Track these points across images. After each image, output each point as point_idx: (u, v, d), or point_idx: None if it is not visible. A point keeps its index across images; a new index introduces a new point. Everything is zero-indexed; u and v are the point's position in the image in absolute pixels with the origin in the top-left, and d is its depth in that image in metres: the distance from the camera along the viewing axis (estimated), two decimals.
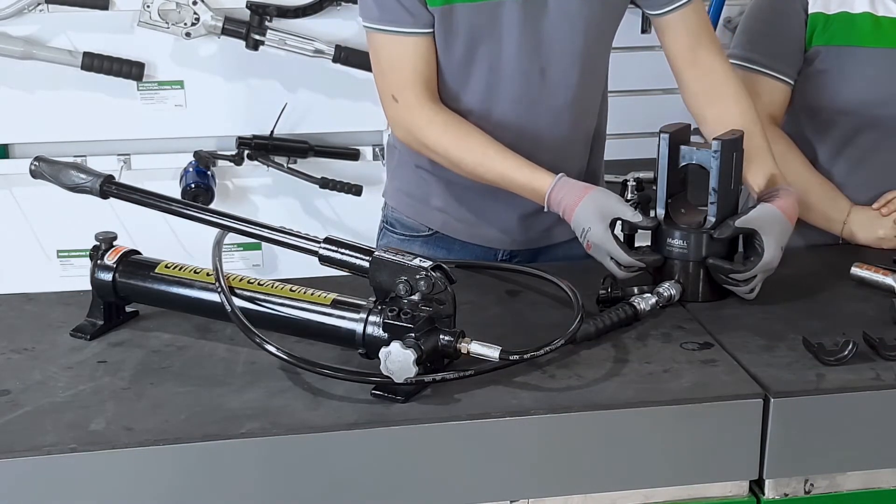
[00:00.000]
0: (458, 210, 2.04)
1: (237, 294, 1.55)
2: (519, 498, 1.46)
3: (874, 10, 2.11)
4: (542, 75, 1.90)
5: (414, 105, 1.88)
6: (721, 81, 1.95)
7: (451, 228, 2.06)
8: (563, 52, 1.89)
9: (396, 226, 2.13)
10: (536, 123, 1.93)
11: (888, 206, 2.12)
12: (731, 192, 1.76)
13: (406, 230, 2.11)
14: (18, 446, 1.33)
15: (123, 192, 1.65)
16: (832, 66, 2.12)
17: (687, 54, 1.96)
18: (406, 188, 2.10)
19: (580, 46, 1.90)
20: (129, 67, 3.03)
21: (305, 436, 1.37)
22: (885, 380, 1.51)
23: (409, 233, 2.10)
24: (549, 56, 1.89)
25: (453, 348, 1.45)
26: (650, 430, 1.45)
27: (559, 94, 1.93)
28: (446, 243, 2.07)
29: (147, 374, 1.52)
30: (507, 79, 1.90)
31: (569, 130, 1.98)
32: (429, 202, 2.06)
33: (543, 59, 1.89)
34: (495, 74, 1.90)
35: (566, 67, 1.91)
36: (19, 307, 1.76)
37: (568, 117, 1.96)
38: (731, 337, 1.63)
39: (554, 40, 1.88)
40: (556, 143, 1.96)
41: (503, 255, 2.08)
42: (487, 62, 1.89)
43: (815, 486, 1.52)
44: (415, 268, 1.45)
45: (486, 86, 1.91)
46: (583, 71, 1.93)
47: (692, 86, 1.98)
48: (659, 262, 1.78)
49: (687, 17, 1.94)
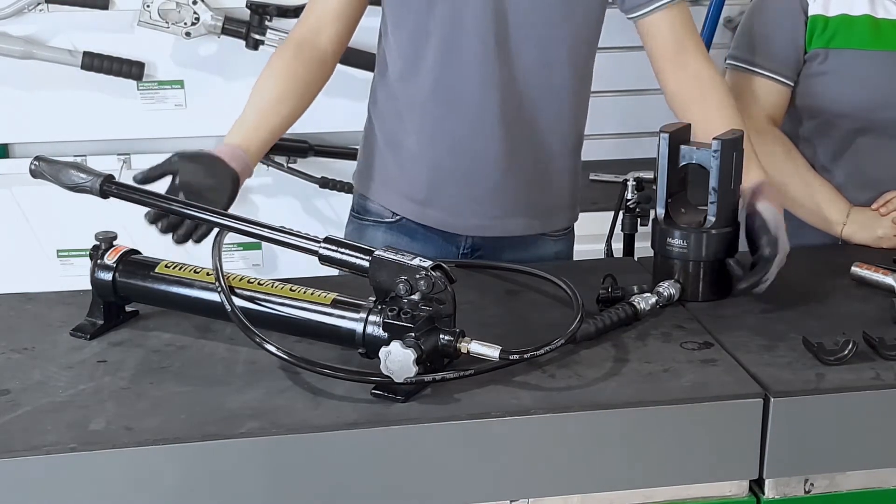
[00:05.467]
0: (410, 188, 2.03)
1: (237, 294, 1.55)
2: (519, 498, 1.46)
3: (874, 13, 2.11)
4: (502, 49, 1.89)
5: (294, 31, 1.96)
6: (707, 87, 1.93)
7: (408, 210, 2.04)
8: (528, 28, 1.89)
9: (362, 212, 2.13)
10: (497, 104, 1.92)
11: (887, 206, 2.12)
12: (730, 192, 1.76)
13: (371, 216, 2.10)
14: (18, 446, 1.33)
15: (123, 191, 1.65)
16: (832, 69, 2.12)
17: (672, 58, 1.94)
18: (367, 170, 2.10)
19: (546, 24, 1.89)
20: (129, 67, 3.04)
21: (305, 436, 1.37)
22: (885, 380, 1.51)
23: (374, 218, 2.10)
24: (511, 30, 1.88)
25: (453, 348, 1.45)
26: (650, 430, 1.45)
27: (525, 77, 1.92)
28: (409, 231, 2.06)
29: (147, 374, 1.52)
30: (465, 50, 1.89)
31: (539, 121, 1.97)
32: (388, 183, 2.05)
33: (503, 33, 1.88)
34: (453, 46, 1.89)
35: (531, 48, 1.90)
36: (19, 307, 1.76)
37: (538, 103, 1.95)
38: (731, 337, 1.63)
39: (518, 13, 1.87)
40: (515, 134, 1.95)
41: (465, 247, 2.07)
42: (442, 32, 1.89)
43: (815, 485, 1.52)
44: (415, 267, 1.45)
45: (442, 58, 1.91)
46: (550, 55, 1.92)
47: (676, 91, 1.95)
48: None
49: (671, 18, 1.92)
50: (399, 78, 1.99)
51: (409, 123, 2.00)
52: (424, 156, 2.00)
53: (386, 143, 2.05)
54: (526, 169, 2.00)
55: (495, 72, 1.91)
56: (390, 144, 2.04)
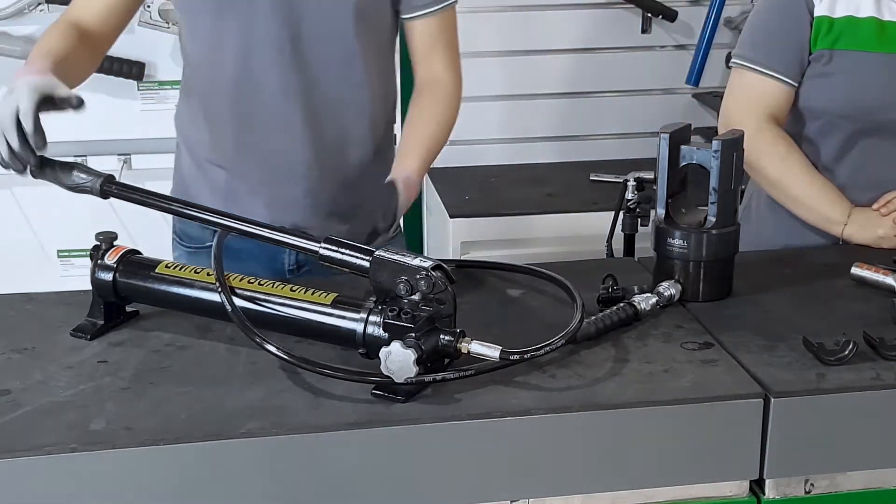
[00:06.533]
0: (225, 204, 1.95)
1: (237, 294, 1.55)
2: (519, 498, 1.46)
3: (880, 15, 2.11)
4: (296, 45, 1.91)
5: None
6: (439, 86, 2.01)
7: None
8: (322, 32, 1.91)
9: (184, 238, 2.10)
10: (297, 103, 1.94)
11: (888, 206, 2.12)
12: (731, 192, 1.76)
13: (194, 243, 2.07)
14: (18, 446, 1.33)
15: (124, 192, 1.65)
16: (836, 70, 2.11)
17: (422, 56, 2.02)
18: (183, 192, 2.05)
19: (339, 24, 1.91)
20: (130, 67, 3.04)
21: (305, 436, 1.37)
22: (886, 380, 1.51)
23: (196, 245, 2.07)
24: (305, 26, 1.90)
25: (453, 348, 1.45)
26: (650, 430, 1.45)
27: (325, 79, 1.94)
28: (233, 252, 1.86)
29: (147, 374, 1.52)
30: (259, 44, 1.90)
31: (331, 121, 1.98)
32: (203, 203, 1.84)
33: (296, 28, 1.90)
34: (248, 42, 1.90)
35: (327, 50, 1.92)
36: (19, 307, 1.76)
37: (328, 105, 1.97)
38: (732, 337, 1.63)
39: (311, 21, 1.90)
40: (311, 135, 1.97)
41: (290, 263, 2.06)
42: (238, 30, 1.90)
43: (816, 486, 1.52)
44: (415, 267, 1.45)
45: (240, 70, 1.92)
46: (346, 54, 1.94)
47: (416, 87, 2.03)
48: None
49: (428, 25, 2.00)
50: (199, 93, 2.00)
51: (214, 138, 2.00)
52: (235, 170, 2.00)
53: (194, 160, 2.05)
54: (338, 172, 2.02)
55: (294, 79, 1.93)
56: (197, 161, 2.04)
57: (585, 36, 3.38)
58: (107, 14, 1.96)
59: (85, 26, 1.94)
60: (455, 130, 2.03)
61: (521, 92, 3.41)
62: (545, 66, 3.39)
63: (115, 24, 1.99)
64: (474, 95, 3.34)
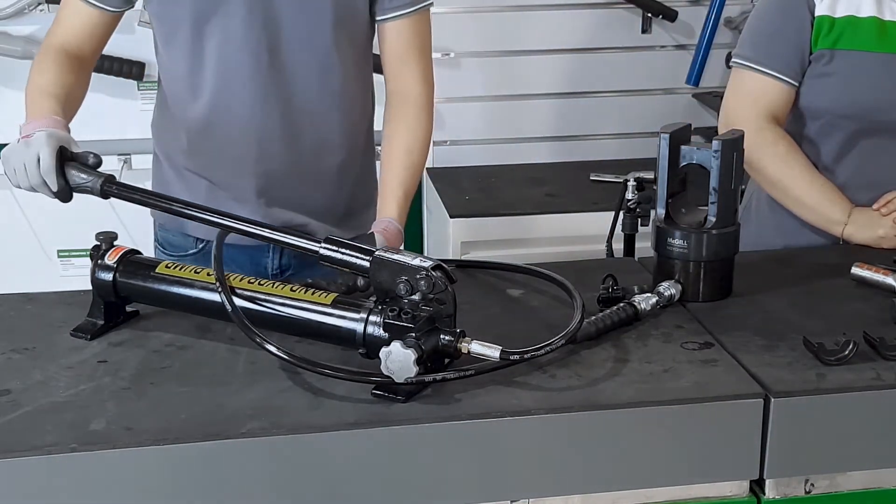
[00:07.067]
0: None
1: (237, 294, 1.55)
2: (519, 498, 1.46)
3: (881, 15, 2.11)
4: (274, 53, 1.91)
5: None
6: (409, 101, 2.00)
7: (210, 231, 1.92)
8: (300, 39, 1.91)
9: (167, 246, 2.11)
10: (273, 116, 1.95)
11: (888, 206, 2.12)
12: (731, 192, 1.76)
13: (177, 251, 2.08)
14: (18, 446, 1.33)
15: (124, 192, 1.65)
16: (837, 70, 2.12)
17: (394, 63, 2.01)
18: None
19: (316, 31, 1.92)
20: (130, 67, 3.04)
21: (306, 436, 1.37)
22: (886, 380, 1.51)
23: (178, 253, 2.07)
24: (283, 34, 1.91)
25: (453, 348, 1.45)
26: (650, 430, 1.45)
27: (302, 87, 1.94)
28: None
29: (147, 374, 1.52)
30: (238, 53, 1.90)
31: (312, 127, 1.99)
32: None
33: (274, 36, 1.90)
34: (226, 51, 1.91)
35: (304, 57, 1.93)
36: (19, 307, 1.76)
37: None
38: (732, 337, 1.63)
39: (285, 18, 1.90)
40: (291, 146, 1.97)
41: (273, 269, 2.07)
42: (217, 39, 1.90)
43: (816, 486, 1.52)
44: (415, 267, 1.45)
45: (217, 80, 1.92)
46: (324, 62, 1.94)
47: (388, 95, 2.02)
48: None
49: (402, 28, 1.99)
50: (177, 102, 2.00)
51: (192, 146, 2.00)
52: (213, 178, 2.00)
53: (173, 168, 2.05)
54: (318, 177, 2.02)
55: (272, 87, 1.93)
56: (176, 169, 2.04)
57: (586, 36, 3.38)
58: (90, 33, 1.97)
59: (72, 50, 1.95)
60: (455, 131, 2.04)
61: (520, 92, 3.41)
62: (545, 66, 3.39)
63: (100, 41, 2.01)
64: (474, 95, 3.36)
